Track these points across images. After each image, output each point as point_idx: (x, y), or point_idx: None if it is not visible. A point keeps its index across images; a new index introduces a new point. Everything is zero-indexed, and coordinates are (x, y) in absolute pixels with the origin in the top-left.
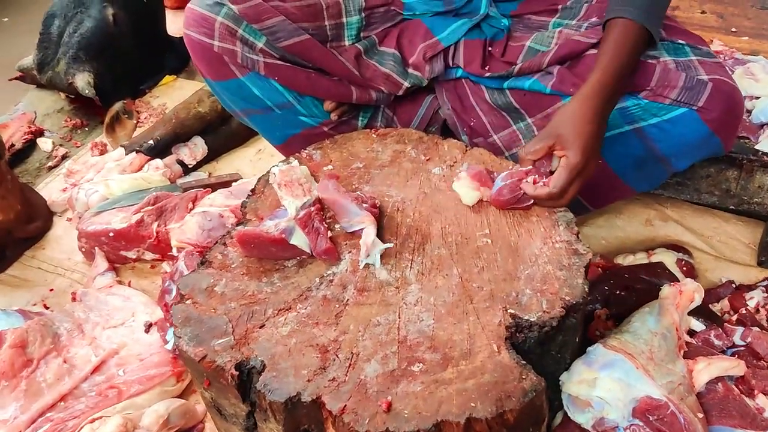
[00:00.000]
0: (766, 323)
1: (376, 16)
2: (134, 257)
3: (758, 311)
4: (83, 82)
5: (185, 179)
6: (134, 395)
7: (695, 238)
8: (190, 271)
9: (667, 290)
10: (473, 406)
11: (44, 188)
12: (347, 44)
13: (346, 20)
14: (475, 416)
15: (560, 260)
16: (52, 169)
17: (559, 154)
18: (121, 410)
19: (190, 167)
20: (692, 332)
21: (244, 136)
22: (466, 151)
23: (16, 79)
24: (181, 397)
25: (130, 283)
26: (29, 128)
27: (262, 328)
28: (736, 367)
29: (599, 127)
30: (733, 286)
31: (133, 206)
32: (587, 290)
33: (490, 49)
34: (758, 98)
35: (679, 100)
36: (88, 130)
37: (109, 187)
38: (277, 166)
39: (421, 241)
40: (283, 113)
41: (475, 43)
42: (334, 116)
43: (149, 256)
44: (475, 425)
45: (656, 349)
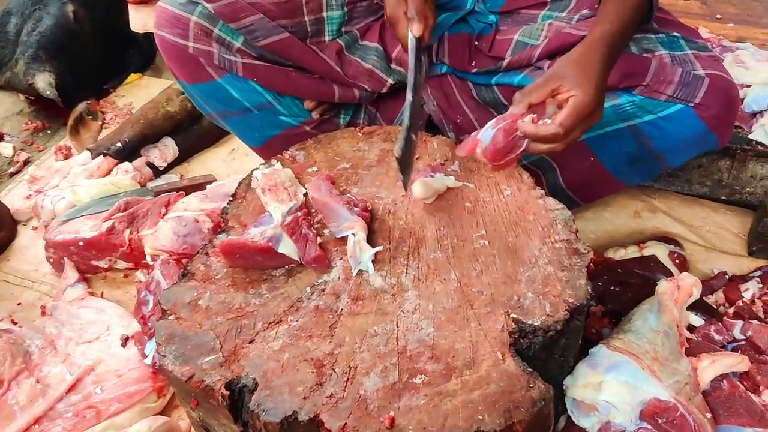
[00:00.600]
0: (763, 315)
1: (358, 10)
2: (106, 267)
3: (754, 303)
4: (44, 82)
5: (156, 183)
6: (114, 414)
7: (684, 229)
8: (167, 280)
9: (664, 286)
10: (481, 418)
11: (6, 196)
12: (327, 40)
13: (326, 14)
14: (483, 429)
15: (561, 261)
16: (14, 175)
17: (565, 95)
18: (100, 431)
19: (160, 170)
20: (691, 327)
21: (216, 135)
22: (455, 148)
23: None
24: (163, 413)
25: (102, 294)
26: None
27: (251, 343)
28: (740, 363)
29: (605, 75)
30: (726, 277)
31: (102, 213)
32: (590, 291)
33: (476, 44)
34: (749, 87)
35: (675, 96)
36: (50, 133)
37: (76, 193)
38: (258, 169)
39: (415, 244)
40: (262, 114)
41: (460, 37)
42: (315, 114)
43: (122, 265)
44: None
45: (660, 348)
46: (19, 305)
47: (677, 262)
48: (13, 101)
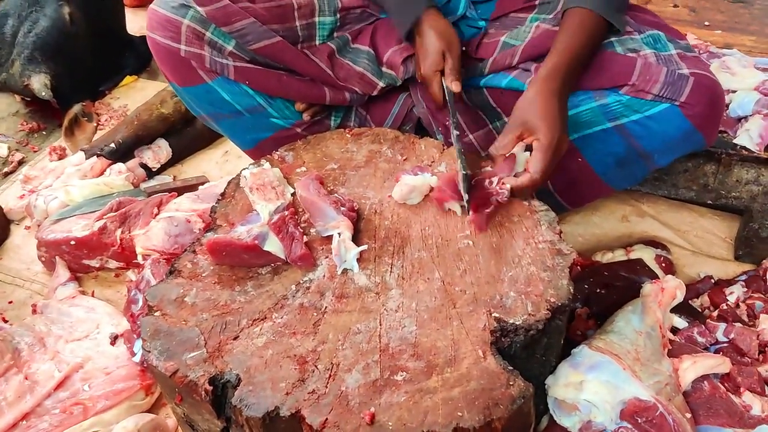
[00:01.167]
0: (747, 318)
1: (351, 17)
2: (97, 266)
3: (738, 306)
4: (39, 83)
5: (149, 183)
6: (101, 411)
7: (672, 233)
8: (157, 280)
9: (648, 288)
10: (460, 415)
11: (0, 195)
12: (318, 44)
13: (318, 20)
14: (462, 426)
15: (544, 261)
16: (8, 175)
17: (528, 140)
18: (87, 428)
19: (153, 171)
20: (675, 330)
21: (209, 137)
22: (443, 150)
23: None
24: (150, 411)
25: (93, 293)
26: None
27: (236, 339)
28: (721, 364)
29: (561, 105)
30: (711, 281)
31: (95, 213)
32: (572, 291)
33: (465, 48)
34: (735, 92)
35: (661, 95)
36: (45, 133)
37: (69, 193)
38: (247, 168)
39: (400, 244)
40: (253, 117)
41: None
42: (306, 116)
43: (113, 264)
44: None
45: (642, 348)
46: (10, 303)
47: (663, 265)
48: (9, 102)
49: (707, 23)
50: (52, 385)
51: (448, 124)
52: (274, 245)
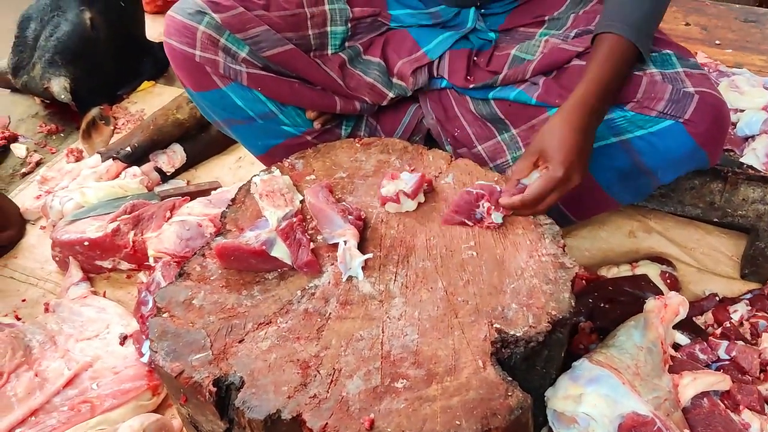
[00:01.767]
0: (750, 337)
1: (362, 26)
2: (110, 267)
3: (742, 324)
4: (59, 86)
5: (163, 187)
6: (108, 410)
7: (678, 250)
8: (167, 282)
9: (651, 303)
10: (458, 424)
11: (17, 195)
12: (330, 53)
13: (330, 29)
14: None
15: (546, 274)
16: (26, 175)
17: (541, 168)
18: (94, 426)
19: (168, 175)
20: (677, 346)
21: (223, 143)
22: (451, 161)
23: None
24: (156, 411)
25: (105, 293)
26: (3, 133)
27: (241, 342)
28: (721, 381)
29: (585, 139)
30: (716, 299)
31: (109, 215)
32: (574, 305)
33: (475, 59)
34: (743, 111)
35: (665, 112)
36: (63, 136)
37: (84, 194)
38: (258, 175)
39: (405, 253)
40: (265, 123)
41: (460, 53)
42: (317, 125)
43: (125, 266)
44: None
45: (642, 363)
46: (23, 301)
47: (668, 281)
48: (29, 104)
49: (718, 42)
50: (61, 382)
51: (456, 134)
52: (281, 251)
